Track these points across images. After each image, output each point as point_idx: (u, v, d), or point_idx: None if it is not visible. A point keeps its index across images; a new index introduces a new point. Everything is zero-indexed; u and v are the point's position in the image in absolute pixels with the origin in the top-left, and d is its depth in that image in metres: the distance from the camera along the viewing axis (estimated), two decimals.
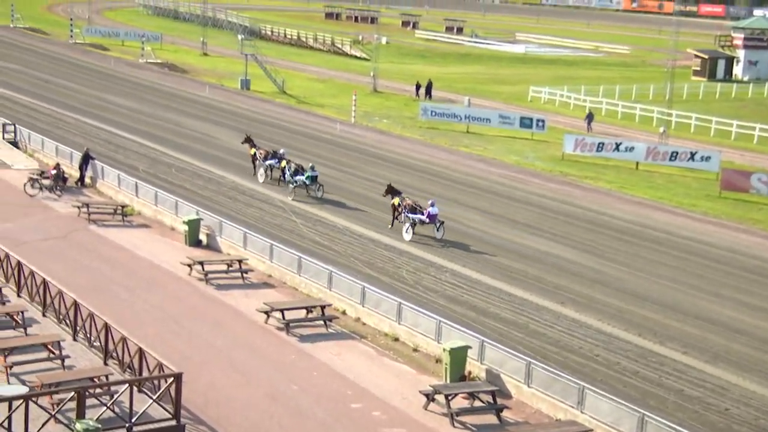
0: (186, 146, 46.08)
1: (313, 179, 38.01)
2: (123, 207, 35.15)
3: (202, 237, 32.45)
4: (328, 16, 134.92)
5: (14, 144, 44.08)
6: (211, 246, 32.16)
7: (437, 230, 33.75)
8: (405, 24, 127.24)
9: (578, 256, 33.20)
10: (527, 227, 36.38)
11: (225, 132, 49.36)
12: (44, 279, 24.71)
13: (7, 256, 26.62)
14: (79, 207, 34.77)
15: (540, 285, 29.78)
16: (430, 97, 67.26)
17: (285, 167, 38.55)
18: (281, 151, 40.75)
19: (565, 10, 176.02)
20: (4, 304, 25.06)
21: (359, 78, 76.39)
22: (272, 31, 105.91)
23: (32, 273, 25.31)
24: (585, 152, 49.69)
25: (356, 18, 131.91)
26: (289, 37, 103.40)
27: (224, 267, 29.54)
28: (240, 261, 29.65)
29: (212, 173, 41.17)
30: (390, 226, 34.39)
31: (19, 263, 25.94)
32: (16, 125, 45.07)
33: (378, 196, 38.73)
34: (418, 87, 68.65)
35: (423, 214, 33.47)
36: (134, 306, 26.34)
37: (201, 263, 29.19)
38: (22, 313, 23.93)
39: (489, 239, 34.44)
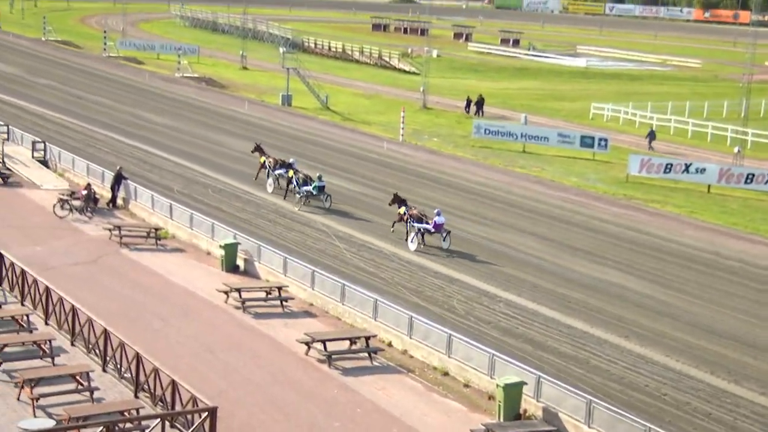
0: (224, 166, 46.52)
1: (321, 189, 39.62)
2: (156, 230, 35.57)
3: (240, 262, 32.71)
4: (375, 27, 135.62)
5: (44, 163, 44.84)
6: (249, 272, 32.38)
7: (443, 240, 35.16)
8: (457, 36, 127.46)
9: (644, 286, 32.87)
10: (588, 254, 36.13)
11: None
12: (73, 306, 25.05)
13: (35, 281, 27.04)
14: (110, 230, 35.23)
15: (602, 317, 29.52)
16: (482, 113, 67.30)
17: (293, 177, 40.19)
18: (291, 160, 42.42)
19: (630, 21, 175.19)
20: (31, 332, 25.44)
21: (408, 93, 76.62)
22: (315, 44, 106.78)
23: (61, 299, 25.67)
24: (651, 174, 49.28)
25: (405, 29, 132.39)
26: (334, 49, 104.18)
27: (263, 294, 29.71)
28: (279, 288, 29.82)
29: (251, 194, 41.52)
30: (392, 230, 36.33)
31: (47, 289, 26.34)
32: (46, 143, 45.86)
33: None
34: (468, 103, 68.74)
35: (429, 223, 34.94)
36: (167, 335, 26.59)
37: (238, 290, 29.40)
38: (50, 341, 24.27)
39: (547, 267, 34.25)
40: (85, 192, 37.93)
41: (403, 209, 36.04)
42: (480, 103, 68.08)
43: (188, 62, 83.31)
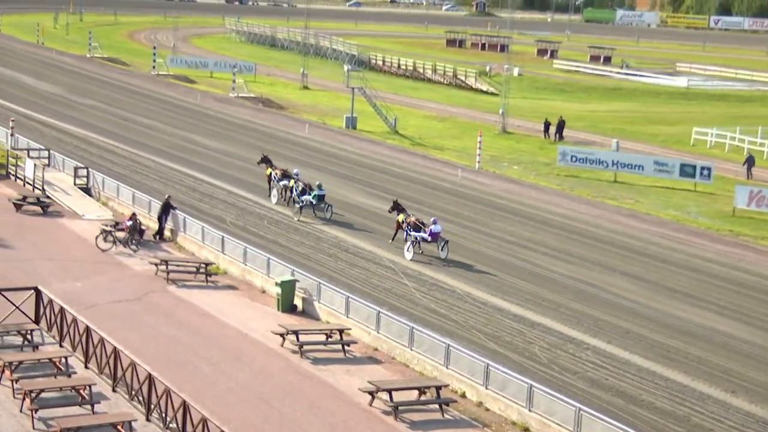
0: None
1: (320, 198, 42.96)
2: (207, 265, 35.94)
3: (298, 301, 32.89)
4: (450, 43, 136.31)
5: (86, 190, 45.67)
6: (308, 312, 32.54)
7: (441, 250, 38.07)
8: (541, 52, 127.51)
9: (753, 334, 32.28)
10: (688, 297, 35.64)
11: (327, 179, 50.04)
12: (115, 348, 25.37)
13: (74, 320, 27.47)
14: (156, 264, 35.71)
15: (704, 368, 29.05)
16: (562, 137, 67.13)
17: (292, 186, 43.77)
18: (295, 171, 45.90)
19: (738, 35, 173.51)
20: (69, 376, 25.83)
21: (485, 116, 76.62)
22: (384, 61, 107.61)
23: (102, 341, 26.03)
24: (762, 207, 48.52)
25: (483, 45, 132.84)
26: (404, 67, 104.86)
27: (323, 337, 29.82)
28: (341, 331, 29.90)
29: (311, 226, 41.81)
30: (390, 241, 39.25)
31: (87, 329, 26.74)
32: (89, 169, 46.75)
33: (506, 256, 38.71)
34: (547, 126, 68.72)
35: (426, 232, 37.86)
36: (217, 382, 26.79)
37: (295, 333, 29.54)
38: (90, 387, 24.60)
39: (641, 311, 33.86)
40: (129, 223, 38.49)
41: (402, 216, 39.05)
42: (560, 126, 67.90)
43: (244, 81, 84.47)
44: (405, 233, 38.55)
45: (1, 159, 49.07)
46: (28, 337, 27.85)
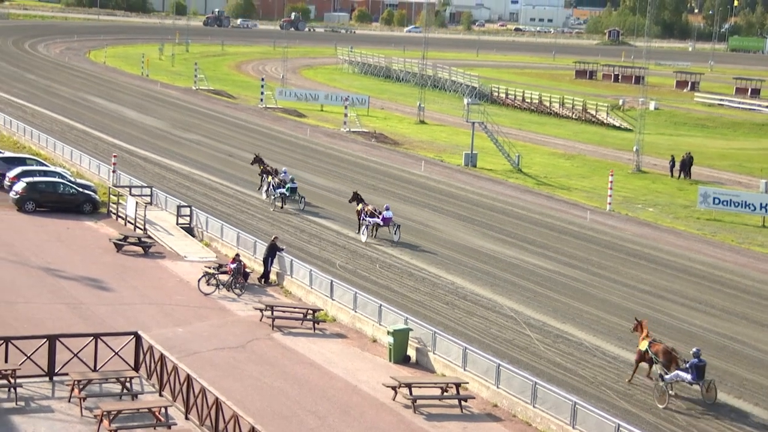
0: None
1: (293, 190, 52.24)
2: (315, 311, 36.32)
3: (411, 352, 32.97)
4: (580, 74, 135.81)
5: (189, 230, 46.64)
6: (422, 364, 32.59)
7: (394, 234, 45.99)
8: (681, 84, 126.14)
9: None
10: None
11: (444, 221, 50.28)
12: (217, 399, 25.78)
13: (175, 368, 28.01)
14: (261, 310, 36.22)
15: None
16: (688, 175, 66.30)
17: (270, 181, 52.84)
18: (283, 169, 54.90)
19: None
20: (169, 428, 26.33)
21: (618, 154, 75.95)
22: (507, 94, 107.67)
23: (203, 390, 26.49)
24: None
25: (616, 77, 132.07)
26: (528, 101, 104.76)
27: (438, 391, 29.85)
28: (457, 385, 29.88)
29: (426, 271, 41.90)
30: (357, 231, 46.53)
31: (188, 378, 27.24)
32: (192, 208, 47.76)
33: (639, 307, 38.29)
34: (673, 163, 68.00)
35: (379, 218, 45.97)
36: None
37: (408, 386, 29.62)
38: None
39: None
40: (233, 265, 39.14)
41: (360, 206, 46.90)
42: (686, 162, 67.09)
43: (356, 115, 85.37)
44: (362, 219, 46.28)
45: (103, 197, 50.49)
46: (128, 384, 28.53)
